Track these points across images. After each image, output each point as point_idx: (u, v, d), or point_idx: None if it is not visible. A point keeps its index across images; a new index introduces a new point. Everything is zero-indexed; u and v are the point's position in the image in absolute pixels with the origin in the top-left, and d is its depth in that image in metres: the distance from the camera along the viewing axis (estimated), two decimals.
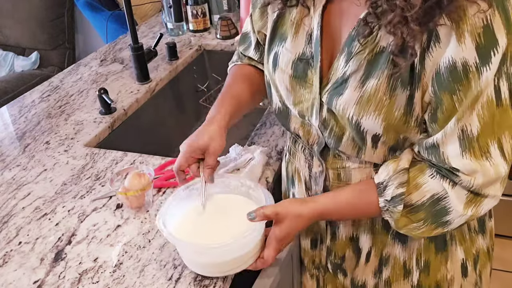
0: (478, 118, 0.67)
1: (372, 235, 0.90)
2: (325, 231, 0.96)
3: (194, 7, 1.99)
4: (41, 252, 0.94)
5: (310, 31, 0.80)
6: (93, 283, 0.87)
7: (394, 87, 0.71)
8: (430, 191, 0.74)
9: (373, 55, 0.71)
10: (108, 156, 1.23)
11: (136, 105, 1.53)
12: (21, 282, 0.88)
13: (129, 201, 1.00)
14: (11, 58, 2.99)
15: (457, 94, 0.67)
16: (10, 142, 1.34)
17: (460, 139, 0.69)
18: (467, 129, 0.68)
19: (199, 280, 0.85)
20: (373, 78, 0.72)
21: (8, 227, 1.01)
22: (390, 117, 0.72)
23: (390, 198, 0.76)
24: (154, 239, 0.95)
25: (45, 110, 1.49)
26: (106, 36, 2.62)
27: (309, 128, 0.87)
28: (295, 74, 0.82)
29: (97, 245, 0.95)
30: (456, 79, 0.66)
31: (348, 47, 0.74)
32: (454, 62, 0.65)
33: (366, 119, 0.74)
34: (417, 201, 0.75)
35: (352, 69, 0.74)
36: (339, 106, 0.76)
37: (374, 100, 0.72)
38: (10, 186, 1.15)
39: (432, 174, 0.74)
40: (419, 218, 0.76)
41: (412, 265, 0.90)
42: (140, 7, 2.52)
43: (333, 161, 0.87)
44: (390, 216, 0.78)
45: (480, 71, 0.64)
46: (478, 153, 0.69)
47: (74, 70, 1.77)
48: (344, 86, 0.75)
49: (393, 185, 0.76)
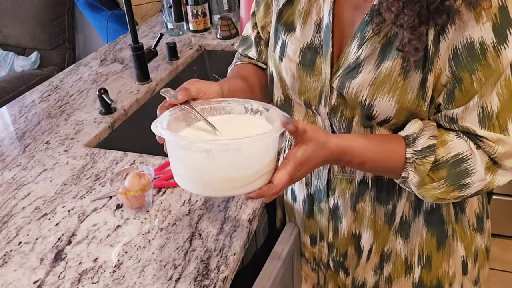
0: (498, 96, 0.69)
1: (373, 230, 0.90)
2: (327, 228, 0.96)
3: (194, 7, 1.99)
4: (41, 252, 0.94)
5: (318, 21, 0.81)
6: (93, 283, 0.87)
7: (408, 68, 0.72)
8: (456, 149, 0.73)
9: (387, 38, 0.73)
10: (108, 156, 1.23)
11: (136, 105, 1.53)
12: (21, 282, 0.88)
13: (129, 201, 1.00)
14: (11, 58, 2.99)
15: (476, 74, 0.68)
16: (10, 142, 1.34)
17: (480, 116, 0.71)
18: (487, 106, 0.70)
19: (199, 280, 0.85)
20: (388, 60, 0.73)
21: (8, 227, 1.01)
22: (404, 99, 0.73)
23: (421, 148, 0.74)
24: (154, 239, 0.95)
25: (45, 110, 1.49)
26: (106, 36, 2.63)
27: (314, 119, 0.87)
28: (302, 62, 0.82)
29: (97, 245, 0.95)
30: (475, 59, 0.68)
31: (361, 32, 0.75)
32: (472, 41, 0.67)
33: (380, 100, 0.74)
34: (442, 157, 0.73)
35: (366, 53, 0.74)
36: (352, 89, 0.76)
37: (388, 81, 0.73)
38: (10, 186, 1.15)
39: (457, 135, 0.74)
40: (441, 176, 0.74)
41: (414, 261, 0.90)
42: (140, 7, 2.52)
43: None
44: (414, 169, 0.74)
45: (498, 50, 0.66)
46: (497, 130, 0.71)
47: (74, 70, 1.77)
48: (357, 70, 0.76)
49: (426, 136, 0.74)
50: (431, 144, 0.73)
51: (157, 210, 1.03)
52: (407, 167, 0.75)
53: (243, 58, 1.04)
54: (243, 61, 1.03)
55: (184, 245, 0.93)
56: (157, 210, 1.03)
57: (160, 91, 0.70)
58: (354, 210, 0.90)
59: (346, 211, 0.91)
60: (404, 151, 0.74)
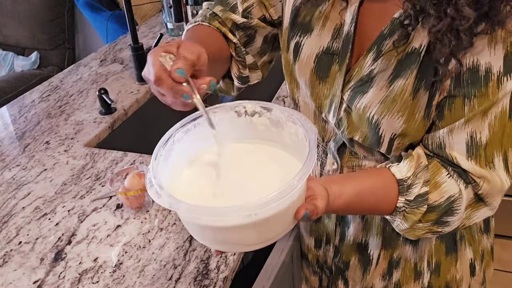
0: (489, 127, 0.66)
1: (382, 237, 0.88)
2: (334, 232, 0.94)
3: (194, 7, 1.99)
4: (41, 252, 0.94)
5: (338, 26, 0.76)
6: (93, 283, 0.87)
7: (418, 88, 0.69)
8: (448, 192, 0.70)
9: (404, 55, 0.69)
10: (108, 156, 1.23)
11: (136, 105, 1.53)
12: (21, 282, 0.88)
13: (129, 201, 1.00)
14: (11, 58, 2.99)
15: (470, 99, 0.65)
16: (10, 142, 1.34)
17: (468, 145, 0.68)
18: (476, 136, 0.67)
19: (199, 280, 0.85)
20: (402, 78, 0.70)
21: (8, 227, 1.01)
22: (411, 119, 0.71)
23: (414, 197, 0.71)
24: (154, 239, 0.95)
25: (45, 110, 1.49)
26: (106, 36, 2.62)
27: (324, 124, 0.84)
28: (317, 68, 0.79)
29: (97, 245, 0.95)
30: (475, 84, 0.65)
31: (378, 46, 0.71)
32: (478, 64, 0.64)
33: (388, 118, 0.72)
34: (435, 201, 0.71)
35: (381, 68, 0.71)
36: (361, 105, 0.73)
37: (400, 100, 0.70)
38: (10, 186, 1.15)
39: (448, 174, 0.71)
40: (430, 219, 0.72)
41: (423, 267, 0.89)
42: (140, 7, 2.52)
43: (349, 159, 0.84)
44: (402, 217, 0.73)
45: (501, 80, 0.63)
46: (483, 162, 0.68)
47: (74, 70, 1.77)
48: (369, 84, 0.73)
49: (420, 183, 0.70)
50: (424, 193, 0.70)
51: (157, 210, 1.03)
52: (396, 214, 0.73)
53: (213, 20, 0.85)
54: (213, 25, 0.85)
55: (184, 245, 0.93)
56: (157, 210, 1.03)
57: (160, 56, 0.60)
58: (363, 218, 0.88)
59: (355, 217, 0.89)
60: (396, 199, 0.71)
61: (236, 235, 0.59)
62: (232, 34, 0.84)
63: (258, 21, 0.85)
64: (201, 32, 0.83)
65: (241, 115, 0.68)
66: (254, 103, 0.67)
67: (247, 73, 0.88)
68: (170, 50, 0.62)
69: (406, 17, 0.67)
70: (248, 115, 0.68)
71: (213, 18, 0.85)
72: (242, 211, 0.54)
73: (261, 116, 0.68)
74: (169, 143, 0.65)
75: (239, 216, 0.55)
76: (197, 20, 0.86)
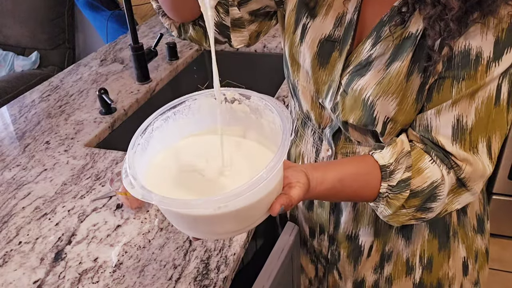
0: (476, 112, 0.68)
1: (374, 228, 0.89)
2: (328, 221, 0.94)
3: None
4: (41, 252, 0.94)
5: (340, 14, 0.79)
6: (93, 283, 0.87)
7: (412, 70, 0.71)
8: (431, 177, 0.71)
9: (401, 40, 0.72)
10: (108, 156, 1.23)
11: (136, 105, 1.53)
12: (21, 282, 0.88)
13: (129, 201, 1.01)
14: (11, 58, 2.99)
15: (459, 81, 0.67)
16: (10, 142, 1.34)
17: (454, 128, 0.70)
18: (463, 120, 0.69)
19: (199, 280, 0.85)
20: (398, 61, 0.72)
21: (8, 227, 1.01)
22: (404, 101, 0.73)
23: (396, 183, 0.72)
24: (154, 239, 0.95)
25: (45, 110, 1.49)
26: (106, 36, 2.63)
27: (320, 111, 0.85)
28: (319, 53, 0.81)
29: (97, 245, 0.95)
30: (465, 67, 0.67)
31: (378, 32, 0.74)
32: (469, 48, 0.66)
33: (383, 100, 0.73)
34: (418, 187, 0.71)
35: (379, 52, 0.74)
36: (358, 86, 0.75)
37: (395, 82, 0.72)
38: (10, 186, 1.15)
39: (431, 159, 0.72)
40: (413, 205, 0.72)
41: (415, 262, 0.90)
42: (140, 7, 2.52)
43: (343, 146, 0.85)
44: (386, 203, 0.73)
45: (490, 65, 0.65)
46: (467, 146, 0.70)
47: (74, 70, 1.77)
48: (367, 68, 0.75)
49: (402, 169, 0.71)
50: (406, 178, 0.71)
51: (157, 210, 1.03)
52: (379, 201, 0.74)
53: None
54: None
55: (184, 245, 0.93)
56: (157, 210, 1.03)
57: None
58: (354, 207, 0.89)
59: (347, 206, 0.90)
60: (378, 185, 0.72)
61: (209, 225, 0.60)
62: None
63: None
64: None
65: (221, 102, 0.68)
66: (233, 90, 0.67)
67: (228, 21, 0.85)
68: None
69: (403, 5, 0.70)
70: (228, 102, 0.68)
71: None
72: (212, 204, 0.55)
73: (240, 103, 0.68)
74: (147, 131, 0.65)
75: (209, 208, 0.56)
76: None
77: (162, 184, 0.62)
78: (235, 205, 0.56)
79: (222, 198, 0.53)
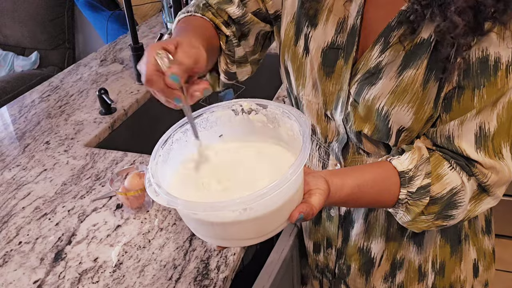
0: (497, 117, 0.67)
1: (385, 237, 0.87)
2: (336, 234, 0.92)
3: None
4: (41, 252, 0.94)
5: (342, 19, 0.75)
6: (93, 283, 0.87)
7: (428, 78, 0.69)
8: (450, 184, 0.70)
9: (413, 45, 0.69)
10: (108, 156, 1.23)
11: (136, 105, 1.53)
12: (21, 282, 0.88)
13: (129, 201, 1.00)
14: (11, 58, 2.99)
15: (480, 89, 0.66)
16: (10, 142, 1.34)
17: (477, 136, 0.68)
18: (485, 127, 0.68)
19: (199, 280, 0.85)
20: (411, 68, 0.69)
21: (8, 227, 1.01)
22: (421, 111, 0.71)
23: (416, 189, 0.70)
24: (154, 239, 0.95)
25: (45, 110, 1.49)
26: (106, 36, 2.62)
27: (326, 124, 0.83)
28: (324, 63, 0.77)
29: (97, 245, 0.95)
30: (485, 74, 0.65)
31: (386, 37, 0.71)
32: (487, 54, 0.64)
33: (398, 109, 0.71)
34: (437, 193, 0.70)
35: (389, 59, 0.71)
36: (370, 96, 0.73)
37: (410, 90, 0.70)
38: (10, 186, 1.15)
39: (451, 166, 0.71)
40: (432, 211, 0.72)
41: (427, 268, 0.88)
42: (140, 7, 2.52)
43: (352, 159, 0.83)
44: (405, 209, 0.73)
45: (509, 70, 0.64)
46: (492, 153, 0.69)
47: (74, 70, 1.77)
48: (377, 76, 0.72)
49: (422, 175, 0.70)
50: (426, 184, 0.70)
51: (157, 210, 1.03)
52: (398, 207, 0.73)
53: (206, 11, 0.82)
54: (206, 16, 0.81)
55: (184, 245, 0.93)
56: (157, 210, 1.03)
57: (157, 54, 0.58)
58: (365, 219, 0.87)
59: (358, 219, 0.88)
60: (398, 191, 0.71)
61: (233, 230, 0.60)
62: (226, 27, 0.82)
63: (251, 16, 0.83)
64: (194, 23, 0.80)
65: (238, 113, 0.69)
66: (250, 100, 0.67)
67: (234, 69, 0.87)
68: (168, 48, 0.60)
69: (412, 13, 0.67)
70: (245, 113, 0.69)
71: (207, 8, 0.83)
72: (238, 205, 0.55)
73: (257, 114, 0.68)
74: (167, 143, 0.66)
75: (235, 211, 0.56)
76: (190, 10, 0.83)
77: (184, 193, 0.62)
78: (260, 207, 0.57)
79: (247, 199, 0.53)
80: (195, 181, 0.65)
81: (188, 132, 0.68)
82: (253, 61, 0.90)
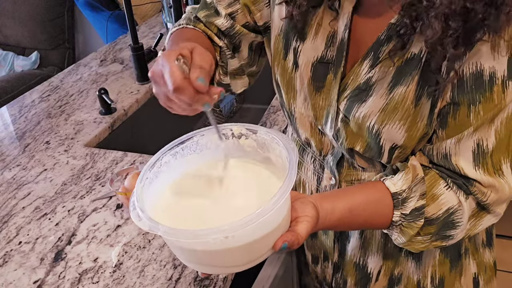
0: (495, 133, 0.65)
1: (383, 253, 0.85)
2: (333, 248, 0.90)
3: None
4: (41, 252, 0.94)
5: (332, 33, 0.73)
6: (93, 283, 0.87)
7: (420, 95, 0.67)
8: (446, 204, 0.68)
9: (403, 61, 0.67)
10: (108, 156, 1.23)
11: (136, 105, 1.53)
12: (21, 282, 0.88)
13: (129, 201, 1.00)
14: (11, 58, 2.99)
15: (476, 105, 0.63)
16: (10, 142, 1.34)
17: (475, 153, 0.66)
18: (483, 143, 0.65)
19: (199, 280, 0.85)
20: (402, 85, 0.67)
21: (8, 227, 1.01)
22: (413, 128, 0.69)
23: (410, 211, 0.69)
24: (154, 239, 0.95)
25: (45, 110, 1.49)
26: (106, 36, 2.63)
27: (320, 137, 0.81)
28: (313, 77, 0.76)
29: (97, 245, 0.95)
30: (480, 89, 0.63)
31: (375, 52, 0.69)
32: (481, 69, 0.62)
33: (389, 128, 0.69)
34: (433, 214, 0.69)
35: (379, 75, 0.69)
36: (360, 114, 0.71)
37: (401, 108, 0.68)
38: (10, 186, 1.15)
39: (447, 185, 0.69)
40: (429, 232, 0.70)
41: (426, 284, 0.86)
42: (140, 7, 2.52)
43: (347, 173, 0.81)
44: (399, 231, 0.71)
45: (506, 85, 0.61)
46: (491, 170, 0.66)
47: (74, 70, 1.77)
48: (367, 93, 0.70)
49: (416, 197, 0.68)
50: (420, 206, 0.68)
51: None
52: (393, 229, 0.72)
53: (198, 23, 0.83)
54: (197, 27, 0.82)
55: None
56: None
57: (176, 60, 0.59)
58: (361, 234, 0.85)
59: (354, 234, 0.86)
60: (391, 213, 0.70)
61: (216, 257, 0.59)
62: (218, 38, 0.83)
63: (240, 27, 0.83)
64: (187, 35, 0.80)
65: (228, 137, 0.69)
66: (240, 125, 0.68)
67: (227, 80, 0.86)
68: (184, 54, 0.60)
69: (402, 27, 0.65)
70: (235, 137, 0.69)
71: (198, 21, 0.84)
72: (220, 233, 0.55)
73: (247, 138, 0.69)
74: (156, 165, 0.67)
75: (216, 239, 0.56)
76: (181, 23, 0.83)
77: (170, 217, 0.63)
78: (242, 236, 0.56)
79: (230, 227, 0.54)
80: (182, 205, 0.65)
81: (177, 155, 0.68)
82: (251, 73, 0.90)
